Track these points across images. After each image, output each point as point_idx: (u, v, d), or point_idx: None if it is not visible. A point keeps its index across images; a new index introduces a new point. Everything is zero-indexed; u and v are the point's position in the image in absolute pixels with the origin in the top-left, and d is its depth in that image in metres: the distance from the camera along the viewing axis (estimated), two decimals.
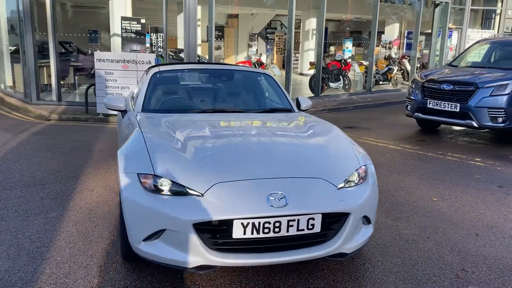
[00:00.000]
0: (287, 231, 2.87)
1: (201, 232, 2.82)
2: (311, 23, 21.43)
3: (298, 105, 4.67)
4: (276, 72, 14.23)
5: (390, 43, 22.74)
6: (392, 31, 24.18)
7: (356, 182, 3.23)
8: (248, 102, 4.60)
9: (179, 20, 18.25)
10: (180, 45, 18.08)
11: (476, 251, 3.72)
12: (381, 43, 24.71)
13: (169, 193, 2.92)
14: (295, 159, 3.27)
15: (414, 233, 4.05)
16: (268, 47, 25.09)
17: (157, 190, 2.94)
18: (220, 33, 22.76)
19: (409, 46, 21.86)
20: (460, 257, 3.61)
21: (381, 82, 16.33)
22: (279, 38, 24.68)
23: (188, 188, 2.90)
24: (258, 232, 2.83)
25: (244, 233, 2.82)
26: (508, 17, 23.99)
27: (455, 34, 20.50)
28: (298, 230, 2.89)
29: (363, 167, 3.37)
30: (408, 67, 17.33)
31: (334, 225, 3.03)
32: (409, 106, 8.60)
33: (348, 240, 3.08)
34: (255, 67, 12.79)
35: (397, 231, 4.09)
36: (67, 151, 6.68)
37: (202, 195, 2.87)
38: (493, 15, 24.54)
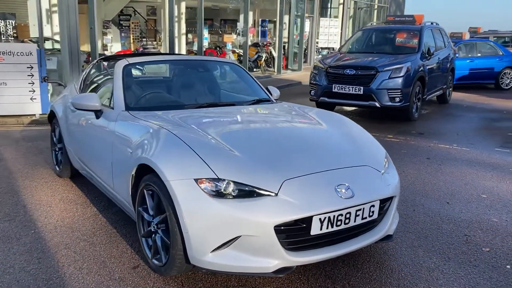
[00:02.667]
0: (355, 221, 2.90)
1: (278, 233, 2.68)
2: (171, 10, 20.91)
3: (270, 94, 4.63)
4: None
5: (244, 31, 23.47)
6: (246, 19, 24.94)
7: (387, 166, 3.38)
8: (232, 94, 4.40)
9: (30, 4, 16.30)
10: (34, 33, 16.17)
11: (459, 217, 4.19)
12: (237, 31, 25.42)
13: (236, 196, 2.70)
14: (338, 149, 3.29)
15: (399, 208, 4.37)
16: (122, 34, 23.82)
17: (221, 194, 2.69)
18: None
19: (263, 34, 22.88)
20: (453, 224, 4.03)
21: (254, 69, 16.83)
22: (134, 26, 23.59)
23: (258, 188, 2.72)
24: (332, 226, 2.80)
25: (321, 229, 2.77)
26: (336, 7, 26.59)
27: (307, 22, 22.01)
28: (362, 218, 2.94)
29: (385, 152, 3.54)
30: (274, 54, 18.14)
31: (382, 210, 3.14)
32: (312, 91, 9.08)
33: (393, 222, 3.23)
34: None
35: None
36: None
37: (276, 194, 2.71)
38: (328, 4, 27.00)
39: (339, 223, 2.82)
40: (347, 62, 8.75)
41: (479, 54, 14.21)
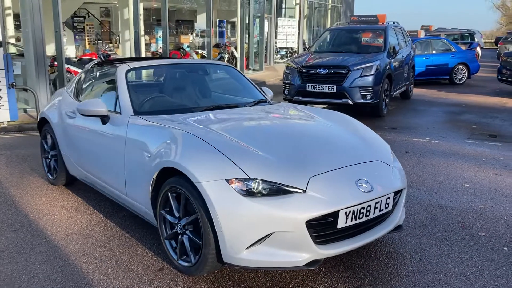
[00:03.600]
0: (374, 213, 3.08)
1: (309, 228, 2.81)
2: (128, 12, 20.59)
3: (265, 95, 4.75)
4: None
5: (203, 31, 23.45)
6: (204, 20, 24.87)
7: (393, 160, 3.59)
8: (232, 96, 4.48)
9: None
10: None
11: (450, 205, 4.48)
12: (196, 32, 25.28)
13: (267, 194, 2.81)
14: (350, 146, 3.46)
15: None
16: (77, 37, 23.18)
17: (252, 193, 2.80)
18: (18, 23, 20.09)
19: (221, 35, 22.89)
20: (446, 213, 4.31)
21: None
22: (90, 28, 23.01)
23: (287, 186, 2.84)
24: (355, 219, 2.97)
25: (346, 222, 2.93)
26: (290, 7, 27.05)
27: (266, 23, 22.23)
28: (380, 210, 3.13)
29: (389, 146, 3.75)
30: (236, 54, 18.24)
31: (393, 201, 3.34)
32: (286, 91, 9.28)
33: (402, 213, 3.44)
34: (101, 59, 11.83)
35: None
36: None
37: (305, 191, 2.85)
38: (283, 4, 27.36)
39: (361, 215, 3.00)
40: (319, 62, 9.01)
41: (434, 51, 14.92)
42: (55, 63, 10.81)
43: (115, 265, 3.25)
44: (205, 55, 16.15)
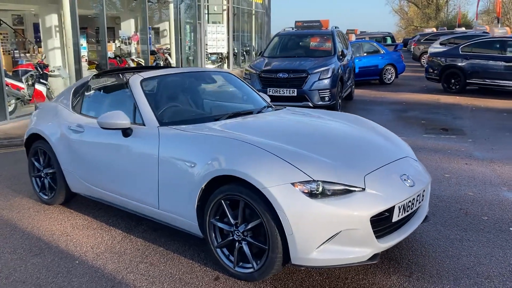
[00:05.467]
0: (415, 205, 3.32)
1: (371, 224, 2.97)
2: (52, 20, 19.52)
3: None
4: (64, 75, 12.69)
5: (129, 38, 22.83)
6: (129, 27, 24.19)
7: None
8: (243, 103, 4.51)
9: None
10: None
11: (444, 195, 4.86)
12: (120, 39, 24.48)
13: (331, 194, 2.93)
14: (381, 145, 3.68)
15: None
16: None
17: (316, 195, 2.90)
18: None
19: (148, 41, 22.42)
20: (445, 202, 4.68)
21: None
22: (4, 37, 21.46)
23: (349, 186, 2.98)
24: (404, 212, 3.19)
25: (398, 215, 3.13)
26: (216, 12, 27.29)
27: (197, 28, 22.10)
28: (419, 203, 3.37)
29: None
30: (171, 60, 18.01)
31: None
32: None
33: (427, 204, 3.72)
34: (38, 70, 11.16)
35: None
36: None
37: (364, 189, 3.00)
38: (206, 10, 27.43)
39: (408, 209, 3.22)
40: (278, 66, 9.24)
41: (365, 54, 15.82)
42: None
43: (167, 279, 3.18)
44: (142, 62, 15.78)
